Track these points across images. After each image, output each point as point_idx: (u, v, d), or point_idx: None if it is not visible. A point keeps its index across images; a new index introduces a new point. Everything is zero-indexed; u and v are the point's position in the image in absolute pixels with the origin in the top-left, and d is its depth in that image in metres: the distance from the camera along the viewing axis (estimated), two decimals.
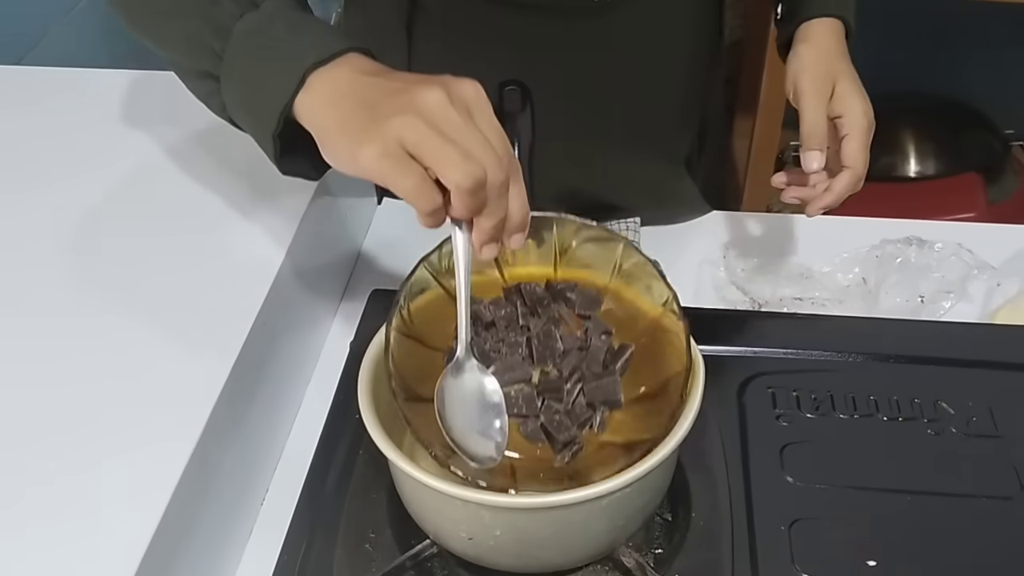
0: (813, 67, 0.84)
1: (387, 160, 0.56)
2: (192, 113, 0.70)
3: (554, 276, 0.72)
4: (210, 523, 0.68)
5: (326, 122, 0.61)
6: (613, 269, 0.71)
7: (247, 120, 0.66)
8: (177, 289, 0.76)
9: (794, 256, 0.98)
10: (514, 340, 0.69)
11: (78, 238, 0.81)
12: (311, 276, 0.87)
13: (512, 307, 0.70)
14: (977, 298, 0.93)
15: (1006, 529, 0.71)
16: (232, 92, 0.66)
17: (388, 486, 0.71)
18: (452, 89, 0.58)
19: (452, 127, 0.56)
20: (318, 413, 0.80)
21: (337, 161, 0.61)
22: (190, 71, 0.69)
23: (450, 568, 0.69)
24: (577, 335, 0.69)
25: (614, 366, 0.68)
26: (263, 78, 0.63)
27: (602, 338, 0.69)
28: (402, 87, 0.58)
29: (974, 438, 0.77)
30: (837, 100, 0.83)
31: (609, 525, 0.63)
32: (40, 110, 0.99)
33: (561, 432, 0.65)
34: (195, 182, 0.87)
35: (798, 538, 0.70)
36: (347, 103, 0.60)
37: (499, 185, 0.57)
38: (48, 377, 0.69)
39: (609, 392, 0.67)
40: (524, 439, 0.66)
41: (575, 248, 0.72)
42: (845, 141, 0.82)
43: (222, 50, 0.65)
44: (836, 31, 0.88)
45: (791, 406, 0.79)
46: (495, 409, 0.64)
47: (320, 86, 0.61)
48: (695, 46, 0.96)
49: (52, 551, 0.59)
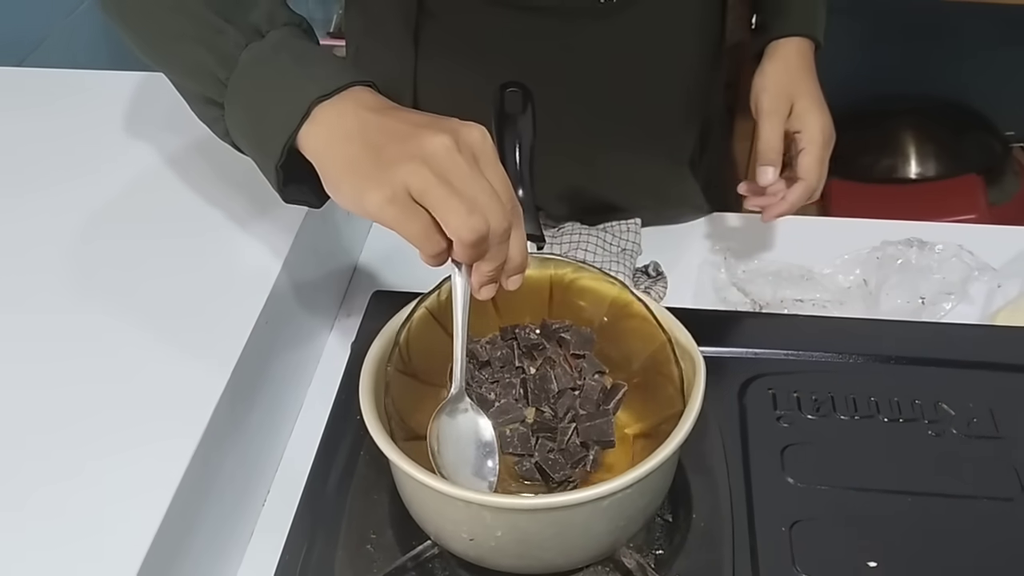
0: (774, 86, 0.91)
1: (393, 207, 0.57)
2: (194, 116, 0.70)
3: (548, 313, 0.74)
4: (212, 523, 0.68)
5: (332, 161, 0.61)
6: (607, 308, 0.73)
7: (251, 149, 0.66)
8: (178, 291, 0.76)
9: (795, 257, 0.98)
10: (509, 381, 0.71)
11: (81, 241, 0.81)
12: (312, 278, 0.87)
13: (508, 348, 0.72)
14: (978, 299, 0.93)
15: (1007, 530, 0.71)
16: (236, 120, 0.66)
17: (389, 487, 0.71)
18: (460, 136, 0.59)
19: (458, 176, 0.57)
20: (319, 414, 0.80)
21: (342, 201, 0.61)
22: (195, 96, 0.69)
23: (451, 569, 0.69)
24: (572, 375, 0.71)
25: (607, 406, 0.70)
26: (267, 109, 0.63)
27: (596, 377, 0.71)
28: (409, 131, 0.59)
29: (975, 439, 0.77)
30: (796, 117, 0.90)
31: (610, 526, 0.63)
32: (41, 112, 0.99)
33: (556, 471, 0.67)
34: (197, 185, 0.87)
35: (799, 539, 0.70)
36: (354, 144, 0.60)
37: (501, 233, 0.59)
38: (48, 378, 0.69)
39: (603, 432, 0.68)
40: (519, 478, 0.68)
41: (570, 287, 0.74)
42: (801, 155, 0.89)
43: (227, 79, 0.65)
44: (803, 49, 0.93)
45: (792, 407, 0.80)
46: (487, 448, 0.66)
47: (325, 119, 0.61)
48: (698, 47, 0.96)
49: (53, 551, 0.59)
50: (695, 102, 1.00)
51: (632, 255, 0.96)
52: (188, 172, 0.89)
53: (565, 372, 0.71)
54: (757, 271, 0.96)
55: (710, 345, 0.68)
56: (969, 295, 0.93)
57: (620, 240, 0.97)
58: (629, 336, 0.72)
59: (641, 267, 0.96)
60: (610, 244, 0.96)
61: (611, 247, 0.96)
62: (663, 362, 0.69)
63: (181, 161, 0.90)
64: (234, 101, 0.65)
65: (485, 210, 0.57)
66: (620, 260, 0.94)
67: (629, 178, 1.00)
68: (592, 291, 0.73)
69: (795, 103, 0.90)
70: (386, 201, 0.57)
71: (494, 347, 0.72)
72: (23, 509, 0.61)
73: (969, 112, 2.22)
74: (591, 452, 0.68)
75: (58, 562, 0.58)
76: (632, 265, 0.95)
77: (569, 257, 0.92)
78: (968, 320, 0.91)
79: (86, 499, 0.62)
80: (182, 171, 0.89)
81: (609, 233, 0.97)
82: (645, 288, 0.93)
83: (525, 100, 0.79)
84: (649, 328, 0.70)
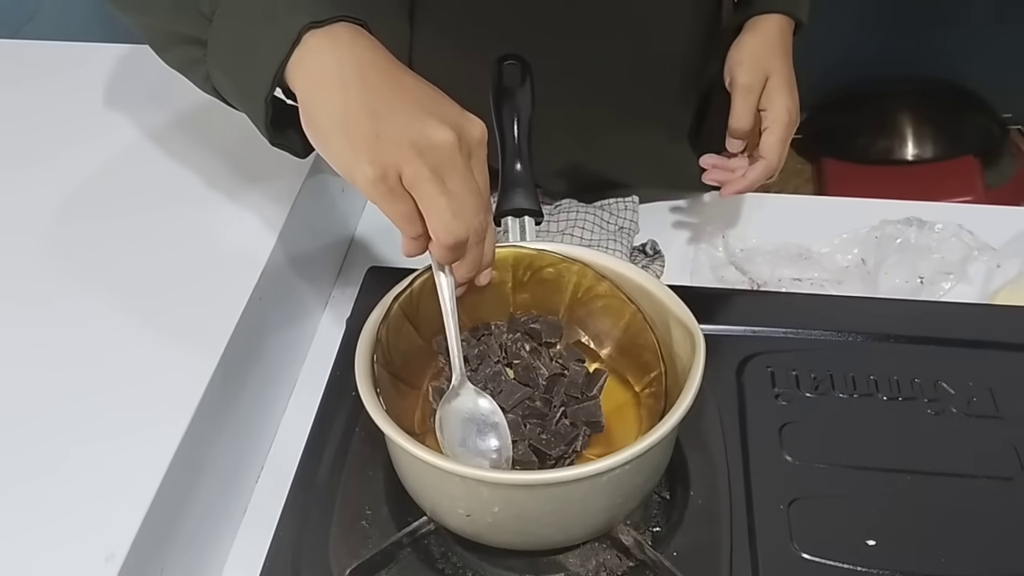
0: (751, 60, 0.90)
1: (382, 186, 0.57)
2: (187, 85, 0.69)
3: (512, 305, 0.75)
4: (205, 500, 0.68)
5: (324, 109, 0.59)
6: (571, 294, 0.74)
7: (235, 87, 0.64)
8: (169, 267, 0.76)
9: (793, 236, 0.97)
10: (494, 372, 0.71)
11: (66, 217, 0.81)
12: (306, 254, 0.87)
13: (484, 345, 0.73)
14: (977, 279, 0.92)
15: (1006, 509, 0.71)
16: (220, 56, 0.63)
17: (384, 463, 0.71)
18: (463, 131, 0.59)
19: (452, 175, 0.58)
20: (314, 391, 0.80)
21: (327, 155, 0.60)
22: (172, 37, 0.66)
23: (447, 545, 0.68)
24: (553, 364, 0.73)
25: (591, 391, 0.71)
26: (255, 38, 0.61)
27: (577, 364, 0.72)
28: (414, 111, 0.58)
29: (974, 418, 0.76)
30: (766, 95, 0.89)
31: (608, 503, 0.62)
32: (34, 85, 0.98)
33: (551, 448, 0.67)
34: (190, 158, 0.86)
35: (797, 517, 0.70)
36: (350, 98, 0.58)
37: (479, 235, 0.60)
38: (37, 361, 0.69)
39: (591, 414, 0.69)
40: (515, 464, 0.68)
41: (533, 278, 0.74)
42: (765, 134, 0.89)
43: (212, 12, 0.62)
44: (782, 27, 0.92)
45: (791, 385, 0.79)
46: (493, 428, 0.66)
47: (318, 49, 0.59)
48: (695, 22, 0.95)
49: (45, 527, 0.58)
50: (693, 77, 0.99)
51: (629, 233, 0.95)
52: (181, 144, 0.88)
53: (546, 362, 0.72)
54: (755, 250, 0.96)
55: (709, 323, 0.68)
56: (968, 275, 0.92)
57: (617, 218, 0.96)
58: (598, 315, 0.74)
59: (639, 245, 0.95)
60: (607, 222, 0.95)
61: (608, 225, 0.95)
62: (638, 332, 0.70)
63: (174, 133, 0.89)
64: (218, 35, 0.63)
65: (468, 215, 0.58)
66: (617, 238, 0.94)
67: (627, 154, 0.99)
68: (553, 280, 0.74)
69: (768, 79, 0.89)
70: (377, 179, 0.57)
71: (469, 345, 0.72)
72: (20, 485, 0.61)
73: (966, 94, 2.22)
74: (580, 432, 0.68)
75: (48, 538, 0.58)
76: (629, 243, 0.94)
77: (566, 236, 0.93)
78: (967, 300, 0.91)
79: (77, 477, 0.61)
80: (175, 143, 0.88)
81: (606, 211, 0.97)
82: (642, 267, 0.92)
83: (523, 73, 0.78)
84: (617, 303, 0.72)
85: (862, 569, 0.67)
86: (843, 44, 2.16)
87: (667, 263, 0.94)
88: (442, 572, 0.67)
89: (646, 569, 0.66)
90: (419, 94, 0.60)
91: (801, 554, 0.67)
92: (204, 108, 0.67)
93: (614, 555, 0.67)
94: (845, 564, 0.67)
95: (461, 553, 0.68)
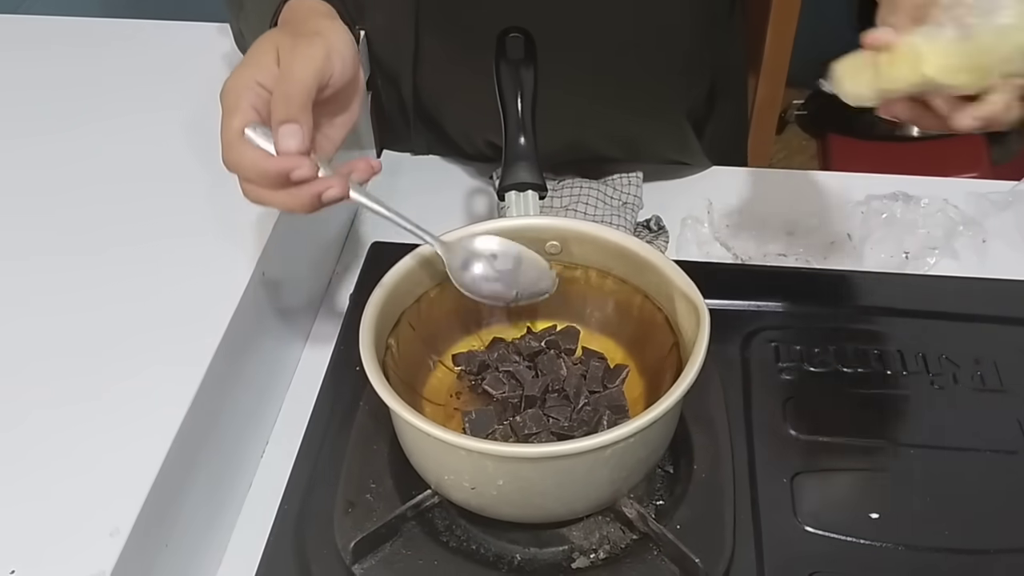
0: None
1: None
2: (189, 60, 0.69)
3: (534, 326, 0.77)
4: (210, 474, 0.68)
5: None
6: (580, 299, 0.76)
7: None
8: (175, 237, 0.76)
9: (779, 212, 0.95)
10: (515, 369, 0.72)
11: (68, 192, 0.81)
12: (311, 228, 0.86)
13: (503, 350, 0.74)
14: (962, 254, 0.91)
15: (1010, 483, 0.71)
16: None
17: (389, 437, 0.71)
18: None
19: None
20: (318, 366, 0.80)
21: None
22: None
23: (451, 518, 0.68)
24: (576, 366, 0.73)
25: (614, 383, 0.71)
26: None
27: (598, 361, 0.73)
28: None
29: (979, 392, 0.76)
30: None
31: (612, 476, 0.62)
32: (37, 58, 0.98)
33: (575, 431, 0.68)
34: (192, 128, 0.86)
35: (800, 491, 0.70)
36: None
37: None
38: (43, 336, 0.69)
39: (614, 399, 0.70)
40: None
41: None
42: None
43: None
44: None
45: (795, 359, 0.79)
46: (507, 259, 0.71)
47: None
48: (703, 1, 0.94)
49: (50, 502, 0.58)
50: (703, 54, 0.98)
51: (633, 208, 0.95)
52: (183, 115, 0.87)
53: (568, 365, 0.73)
54: (740, 226, 0.95)
55: (714, 298, 0.67)
56: (953, 249, 0.91)
57: (621, 193, 0.96)
58: (611, 312, 0.76)
59: (643, 221, 0.95)
60: (611, 198, 0.95)
61: (612, 200, 0.95)
62: (650, 318, 0.72)
63: (176, 104, 0.89)
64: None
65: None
66: (621, 214, 0.93)
67: (631, 131, 0.98)
68: (561, 293, 0.75)
69: None
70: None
71: (490, 352, 0.74)
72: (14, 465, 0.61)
73: None
74: (603, 414, 0.68)
75: (53, 514, 0.58)
76: (633, 219, 0.94)
77: (569, 211, 0.92)
78: (952, 274, 0.89)
79: (80, 449, 0.61)
80: (177, 114, 0.87)
81: (610, 186, 0.96)
82: (647, 242, 0.92)
83: (527, 46, 0.78)
84: (625, 295, 0.73)
85: (865, 542, 0.67)
86: (850, 19, 2.15)
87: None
88: (446, 545, 0.67)
89: (649, 542, 0.66)
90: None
91: (804, 527, 0.68)
92: (205, 82, 0.66)
93: (618, 528, 0.67)
94: (848, 537, 0.67)
95: (465, 526, 0.68)
